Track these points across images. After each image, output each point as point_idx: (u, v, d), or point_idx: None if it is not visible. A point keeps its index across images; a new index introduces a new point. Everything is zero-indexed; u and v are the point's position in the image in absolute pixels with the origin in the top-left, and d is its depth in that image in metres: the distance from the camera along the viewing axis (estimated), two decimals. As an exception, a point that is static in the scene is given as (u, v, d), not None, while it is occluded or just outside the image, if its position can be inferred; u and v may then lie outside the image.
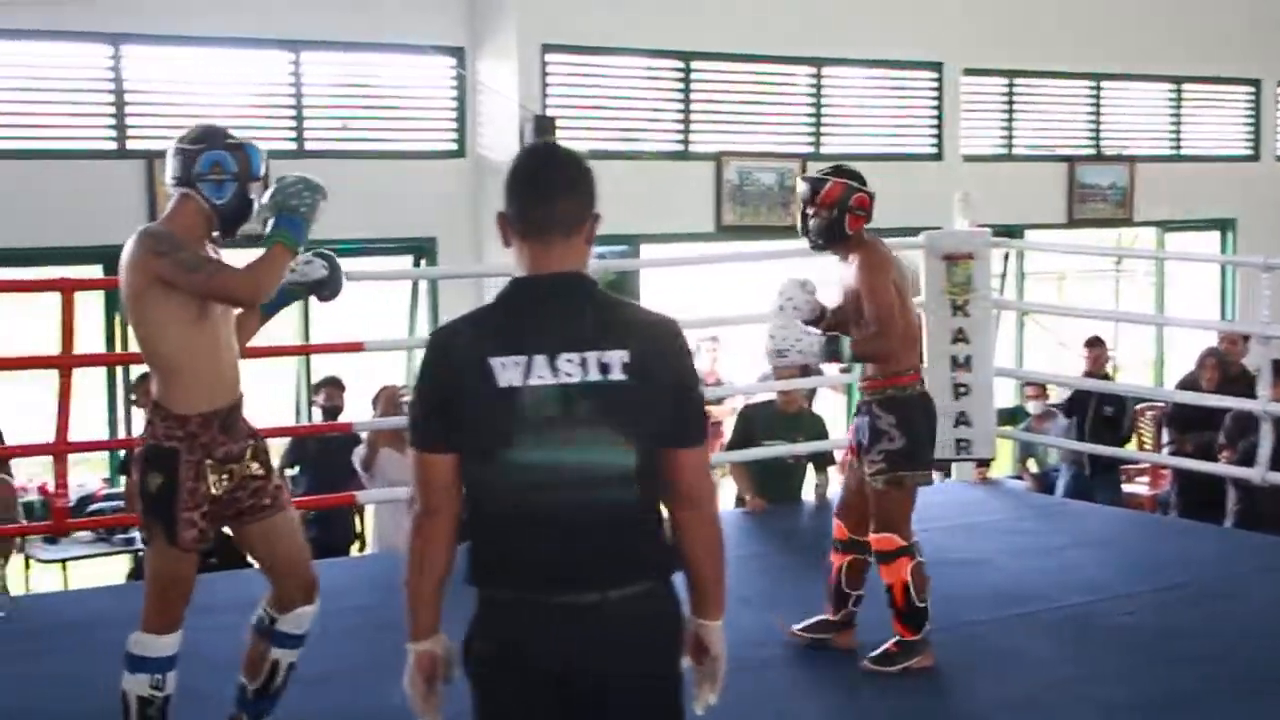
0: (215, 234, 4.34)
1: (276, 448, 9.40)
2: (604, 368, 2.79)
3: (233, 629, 4.72)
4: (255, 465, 4.36)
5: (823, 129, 12.97)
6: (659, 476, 2.88)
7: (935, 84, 13.43)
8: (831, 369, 11.77)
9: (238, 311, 4.38)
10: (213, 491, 4.23)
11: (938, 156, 13.41)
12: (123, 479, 10.25)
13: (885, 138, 13.40)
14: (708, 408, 3.08)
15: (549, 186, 2.93)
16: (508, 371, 2.80)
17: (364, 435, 7.94)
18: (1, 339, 9.91)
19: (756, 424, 8.56)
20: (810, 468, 8.67)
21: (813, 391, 11.33)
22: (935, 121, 13.49)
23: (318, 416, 9.51)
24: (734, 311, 11.29)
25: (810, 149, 12.79)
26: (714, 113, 12.46)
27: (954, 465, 9.09)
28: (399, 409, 7.84)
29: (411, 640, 2.94)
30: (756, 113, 12.68)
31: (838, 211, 5.54)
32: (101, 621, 6.18)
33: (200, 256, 4.19)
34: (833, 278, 5.74)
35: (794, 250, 10.87)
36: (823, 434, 8.76)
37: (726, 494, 10.24)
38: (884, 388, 5.50)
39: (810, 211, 5.57)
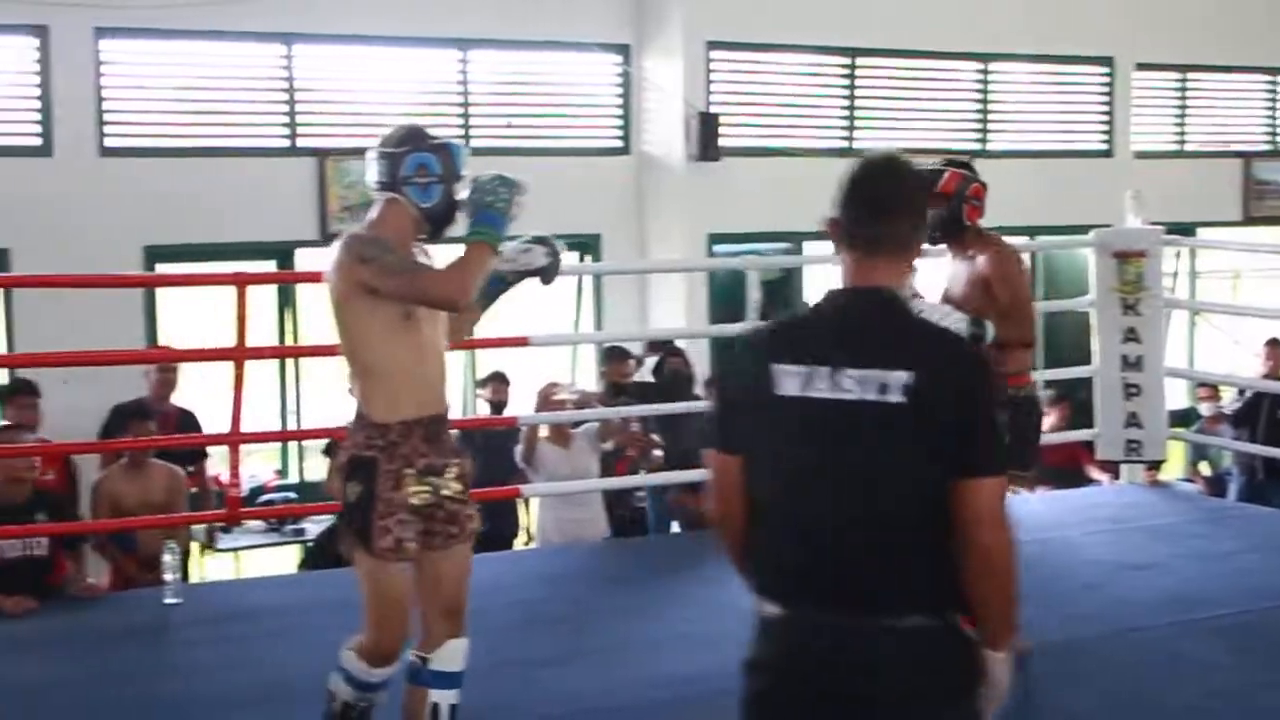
0: (423, 237, 4.25)
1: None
2: (882, 388, 2.69)
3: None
4: (456, 485, 4.24)
5: (989, 125, 12.82)
6: (947, 504, 2.71)
7: (1106, 79, 13.20)
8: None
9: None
10: (411, 502, 4.12)
11: (1108, 153, 13.19)
12: (293, 469, 10.47)
13: (1054, 134, 13.21)
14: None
15: (883, 202, 2.87)
16: (789, 380, 2.76)
17: (523, 431, 7.97)
18: (182, 332, 10.15)
19: None
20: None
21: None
22: (1106, 117, 13.26)
23: (484, 410, 9.59)
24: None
25: (977, 145, 12.65)
26: (879, 109, 12.38)
27: (1124, 467, 8.93)
28: (556, 406, 7.85)
29: None
30: (922, 109, 12.57)
31: (956, 202, 5.46)
32: (270, 609, 6.32)
33: (406, 260, 4.11)
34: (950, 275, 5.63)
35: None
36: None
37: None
38: (1002, 386, 5.32)
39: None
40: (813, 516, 2.75)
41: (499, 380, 9.43)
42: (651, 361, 9.88)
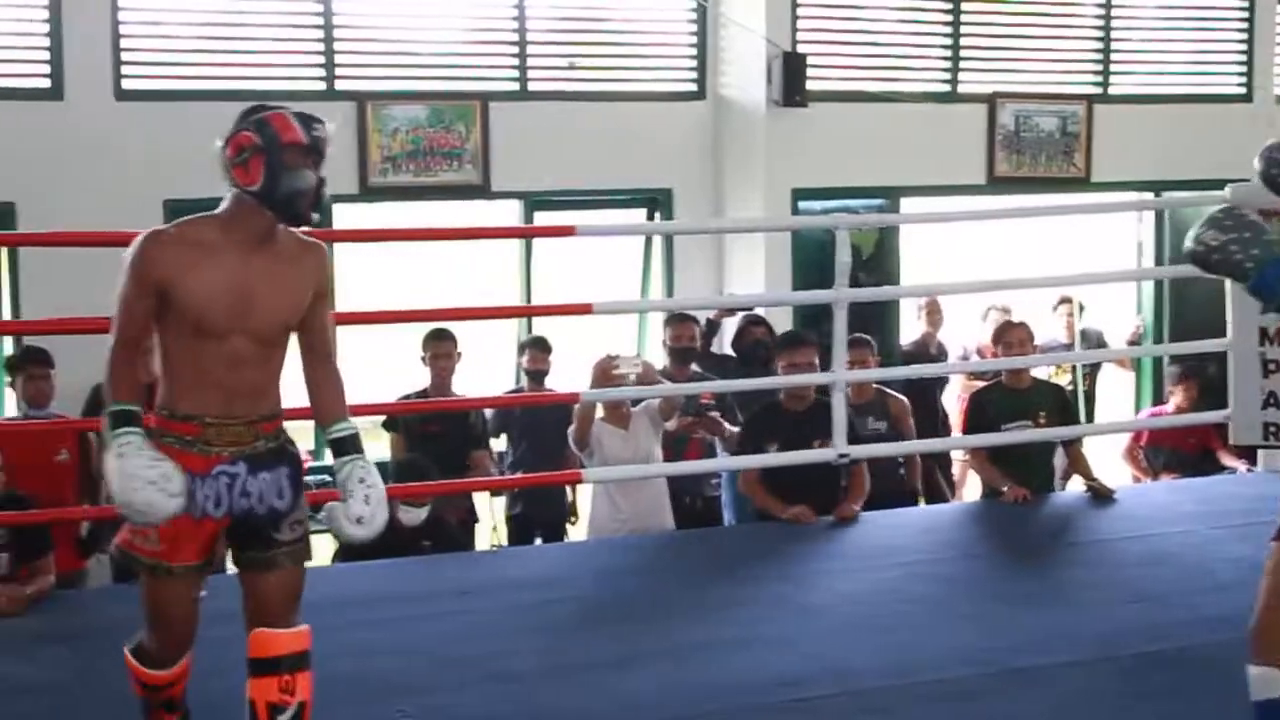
0: None
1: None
2: None
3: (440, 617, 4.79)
4: None
5: (1112, 66, 12.70)
6: None
7: (1245, 13, 13.06)
8: (1117, 341, 11.57)
9: None
10: None
11: (1246, 98, 13.04)
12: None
13: (1185, 76, 13.07)
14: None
15: None
16: None
17: (575, 409, 7.88)
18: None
19: (989, 409, 8.32)
20: (1059, 449, 8.46)
21: (1096, 366, 11.13)
22: (1244, 57, 13.11)
23: (523, 381, 9.48)
24: (1008, 274, 11.12)
25: (1097, 89, 12.54)
26: (987, 48, 12.29)
27: (1261, 453, 8.83)
28: (615, 381, 7.72)
29: None
30: (1036, 47, 12.46)
31: None
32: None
33: None
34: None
35: (1077, 205, 10.72)
36: (1066, 406, 8.56)
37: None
38: None
39: None
40: None
41: (538, 347, 9.29)
42: (729, 331, 9.85)
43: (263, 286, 4.18)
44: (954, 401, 10.46)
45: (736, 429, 8.22)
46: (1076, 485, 8.55)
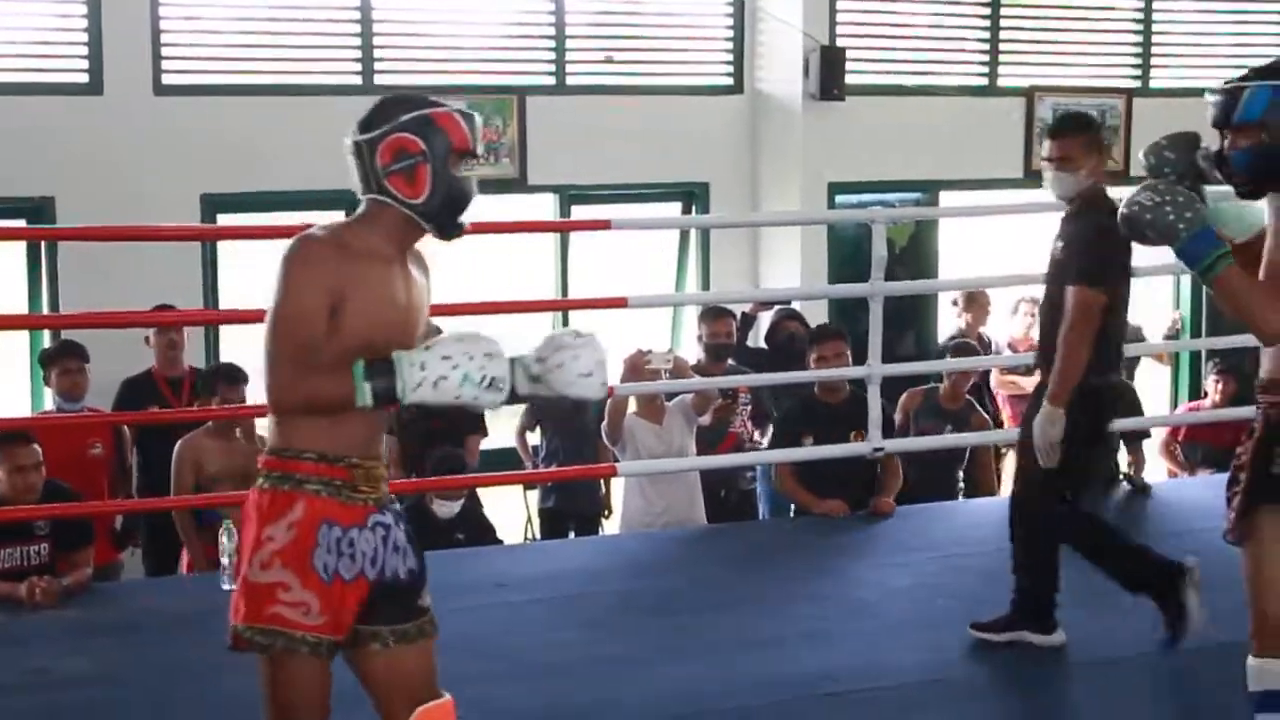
0: None
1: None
2: None
3: (476, 610, 4.79)
4: None
5: (1153, 59, 12.62)
6: None
7: (1286, 9, 12.98)
8: (1155, 335, 11.50)
9: None
10: None
11: (1287, 91, 12.92)
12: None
13: (1228, 70, 12.94)
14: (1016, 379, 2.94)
15: None
16: None
17: (608, 404, 7.85)
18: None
19: None
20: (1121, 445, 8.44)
21: (1134, 360, 11.08)
22: (1285, 51, 13.04)
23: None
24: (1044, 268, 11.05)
25: (1137, 83, 12.46)
26: (1026, 41, 12.23)
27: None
28: (647, 376, 7.68)
29: None
30: (1075, 40, 12.40)
31: None
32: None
33: None
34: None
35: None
36: (1135, 404, 8.52)
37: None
38: None
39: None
40: None
41: None
42: (764, 325, 9.83)
43: (415, 304, 3.69)
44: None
45: (769, 422, 8.21)
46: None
